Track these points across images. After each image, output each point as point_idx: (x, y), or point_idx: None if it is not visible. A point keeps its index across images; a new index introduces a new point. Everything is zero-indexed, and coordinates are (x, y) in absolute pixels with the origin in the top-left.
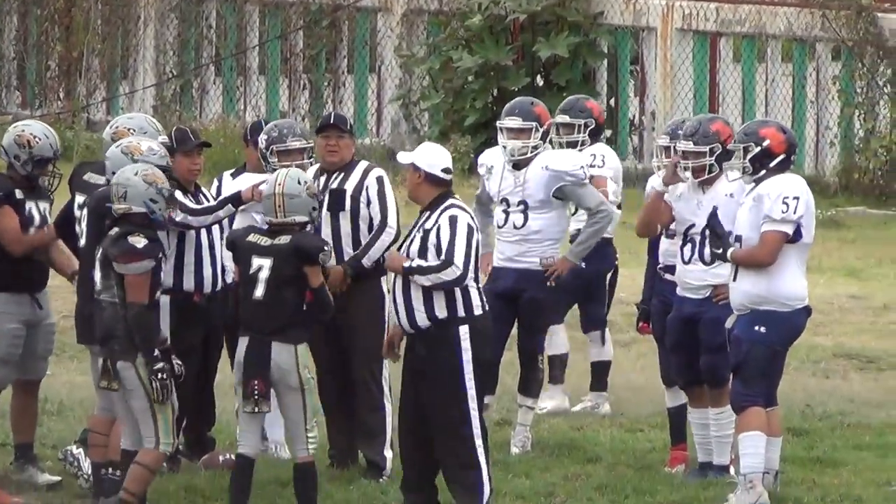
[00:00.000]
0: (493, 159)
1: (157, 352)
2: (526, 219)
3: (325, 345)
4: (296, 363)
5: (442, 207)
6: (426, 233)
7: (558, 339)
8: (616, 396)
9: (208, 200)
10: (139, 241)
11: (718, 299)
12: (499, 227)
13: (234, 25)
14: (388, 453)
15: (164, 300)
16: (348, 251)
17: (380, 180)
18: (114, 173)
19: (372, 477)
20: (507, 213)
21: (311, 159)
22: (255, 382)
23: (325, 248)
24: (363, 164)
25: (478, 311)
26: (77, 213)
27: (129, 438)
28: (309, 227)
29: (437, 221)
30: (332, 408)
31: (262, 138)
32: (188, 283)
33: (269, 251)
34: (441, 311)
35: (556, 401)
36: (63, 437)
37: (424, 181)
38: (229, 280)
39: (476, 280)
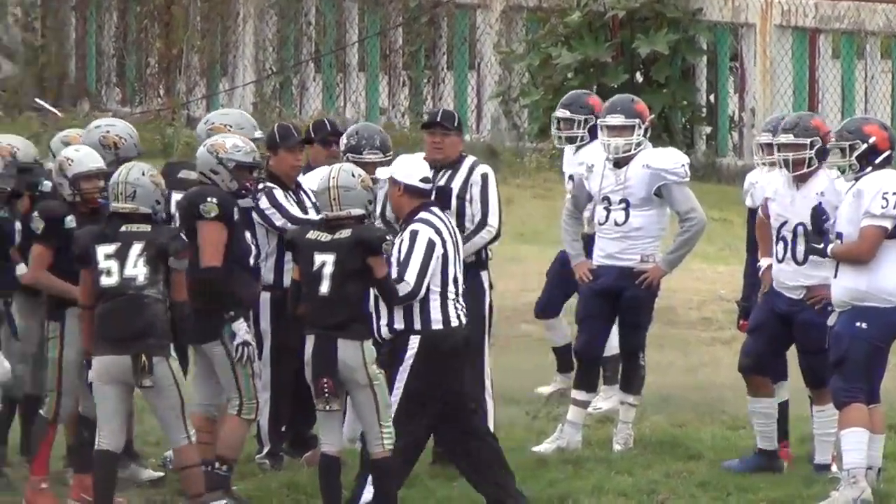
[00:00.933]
0: (593, 157)
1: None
2: (627, 216)
3: None
4: (363, 359)
5: (411, 221)
6: (396, 246)
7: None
8: (717, 394)
9: (309, 198)
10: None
11: (813, 301)
12: (599, 224)
13: (333, 22)
14: None
15: (265, 297)
16: None
17: (484, 178)
18: (202, 173)
19: None
20: (608, 210)
21: None
22: (325, 381)
23: (388, 237)
24: (469, 161)
25: (436, 326)
26: (175, 211)
27: (113, 441)
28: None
29: (402, 236)
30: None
31: (343, 141)
32: (287, 282)
33: (331, 246)
34: (399, 323)
35: (612, 402)
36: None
37: (405, 193)
38: None
39: (444, 294)
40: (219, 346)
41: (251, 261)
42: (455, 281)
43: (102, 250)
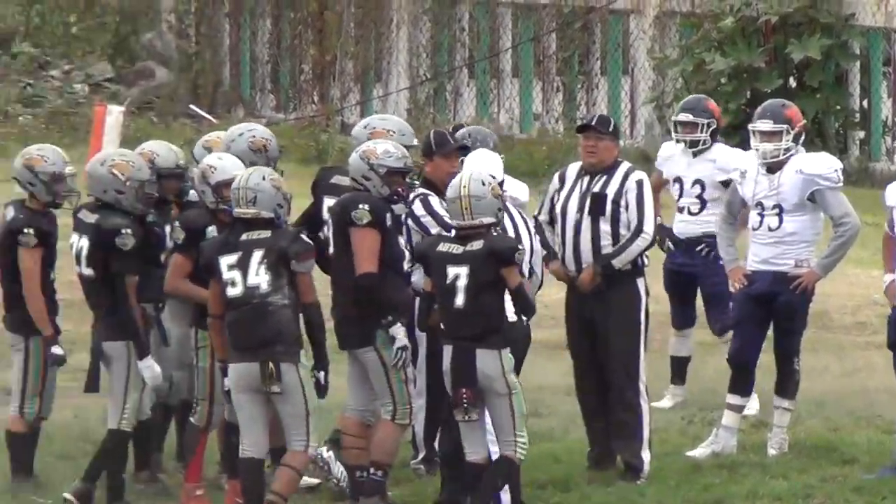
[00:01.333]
0: (746, 163)
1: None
2: (781, 221)
3: (581, 345)
4: (501, 369)
5: None
6: None
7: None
8: (872, 398)
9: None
10: (306, 238)
11: None
12: (753, 229)
13: (486, 28)
14: (646, 455)
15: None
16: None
17: (639, 184)
18: (354, 179)
19: (629, 479)
20: (761, 216)
21: None
22: (464, 391)
23: (520, 246)
24: (625, 167)
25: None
26: (327, 216)
27: (255, 448)
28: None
29: None
30: (591, 410)
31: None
32: None
33: (464, 258)
34: None
35: (674, 401)
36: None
37: None
38: None
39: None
40: (371, 351)
41: (404, 266)
42: None
43: (225, 261)
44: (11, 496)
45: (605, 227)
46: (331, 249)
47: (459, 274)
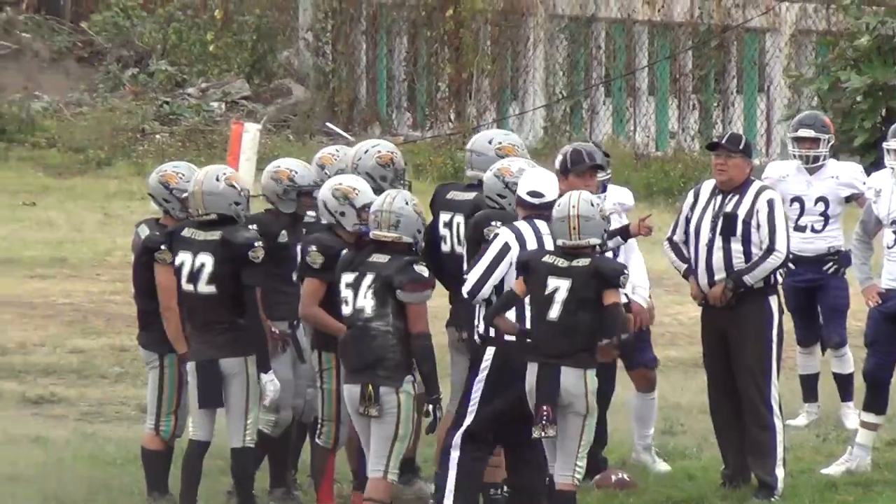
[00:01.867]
0: (881, 182)
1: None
2: None
3: (715, 362)
4: (584, 389)
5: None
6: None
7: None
8: None
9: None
10: (424, 270)
11: None
12: (888, 247)
13: (622, 46)
14: (780, 472)
15: None
16: None
17: (770, 203)
18: (489, 197)
19: (763, 497)
20: None
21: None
22: (545, 408)
23: (625, 271)
24: (756, 186)
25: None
26: (443, 231)
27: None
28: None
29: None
30: (724, 426)
31: (560, 159)
32: None
33: (569, 272)
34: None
35: (809, 418)
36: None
37: (517, 205)
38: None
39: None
40: None
41: None
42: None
43: (345, 279)
44: None
45: (736, 246)
46: (464, 266)
47: (560, 287)
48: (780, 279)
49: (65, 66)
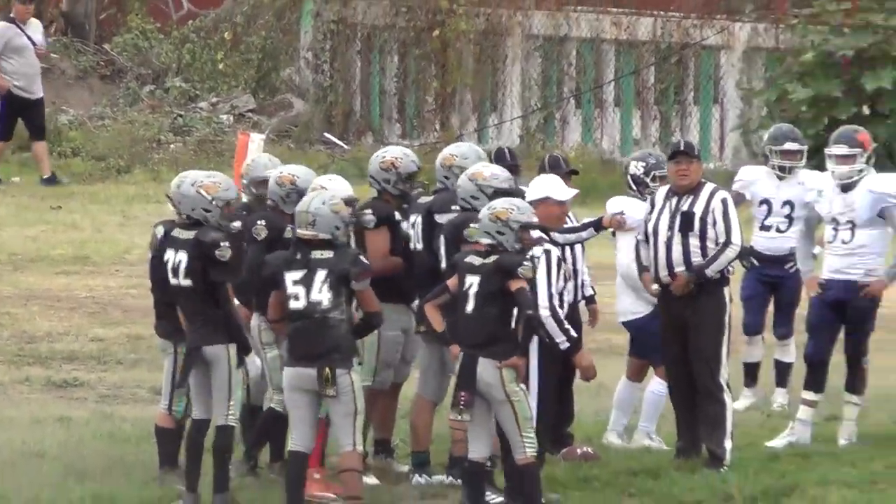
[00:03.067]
0: (823, 184)
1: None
2: (853, 235)
3: (673, 347)
4: (500, 378)
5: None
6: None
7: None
8: None
9: (571, 221)
10: (366, 260)
11: None
12: (828, 242)
13: (591, 63)
14: (728, 445)
15: None
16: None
17: (724, 202)
18: (463, 199)
19: (713, 467)
20: (836, 230)
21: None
22: (462, 394)
23: (524, 262)
24: (710, 187)
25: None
26: (410, 231)
27: (302, 442)
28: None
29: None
30: (680, 404)
31: (640, 164)
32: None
33: (479, 270)
34: None
35: (749, 402)
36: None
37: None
38: (588, 293)
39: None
40: None
41: None
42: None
43: (291, 276)
44: (159, 483)
45: (694, 241)
46: (443, 264)
47: (473, 283)
48: (731, 271)
49: (89, 84)
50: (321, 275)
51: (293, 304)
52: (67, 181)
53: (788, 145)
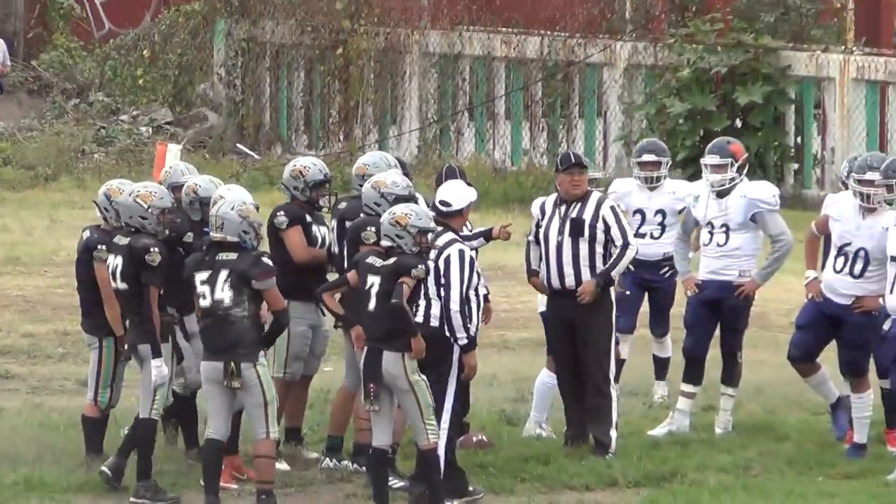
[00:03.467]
0: (699, 190)
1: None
2: (727, 238)
3: (563, 345)
4: (403, 368)
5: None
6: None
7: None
8: (802, 386)
9: (466, 228)
10: (269, 261)
11: (860, 307)
12: (704, 245)
13: (484, 78)
14: (614, 434)
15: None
16: (586, 271)
17: (613, 209)
18: (367, 205)
19: (599, 454)
20: (711, 234)
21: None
22: (371, 385)
23: (419, 265)
24: (596, 195)
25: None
26: (331, 235)
27: (217, 431)
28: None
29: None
30: (569, 396)
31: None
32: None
33: (379, 271)
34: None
35: (663, 391)
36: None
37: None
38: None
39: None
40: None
41: None
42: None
43: (199, 276)
44: (85, 469)
45: (583, 245)
46: (344, 263)
47: (374, 283)
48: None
49: (17, 98)
50: (223, 274)
51: (202, 303)
52: None
53: (646, 157)
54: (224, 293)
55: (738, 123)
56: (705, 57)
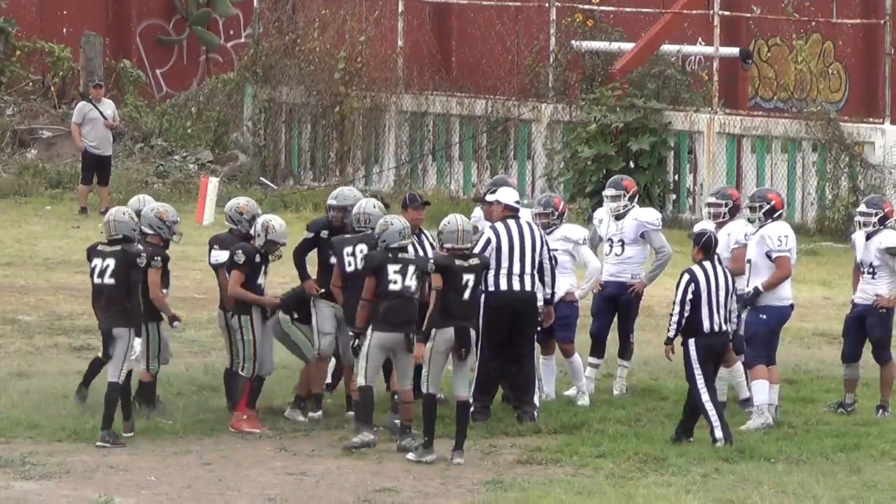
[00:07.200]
0: (602, 214)
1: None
2: (623, 250)
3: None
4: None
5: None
6: None
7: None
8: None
9: (431, 243)
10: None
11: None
12: (606, 255)
13: (443, 129)
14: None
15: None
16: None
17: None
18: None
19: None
20: (611, 246)
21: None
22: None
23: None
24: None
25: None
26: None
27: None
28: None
29: None
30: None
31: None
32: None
33: (474, 269)
34: None
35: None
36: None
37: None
38: None
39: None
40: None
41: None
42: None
43: (392, 268)
44: (146, 417)
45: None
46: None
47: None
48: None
49: None
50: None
51: (392, 287)
52: (90, 212)
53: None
54: (411, 282)
55: (632, 165)
56: (608, 115)
